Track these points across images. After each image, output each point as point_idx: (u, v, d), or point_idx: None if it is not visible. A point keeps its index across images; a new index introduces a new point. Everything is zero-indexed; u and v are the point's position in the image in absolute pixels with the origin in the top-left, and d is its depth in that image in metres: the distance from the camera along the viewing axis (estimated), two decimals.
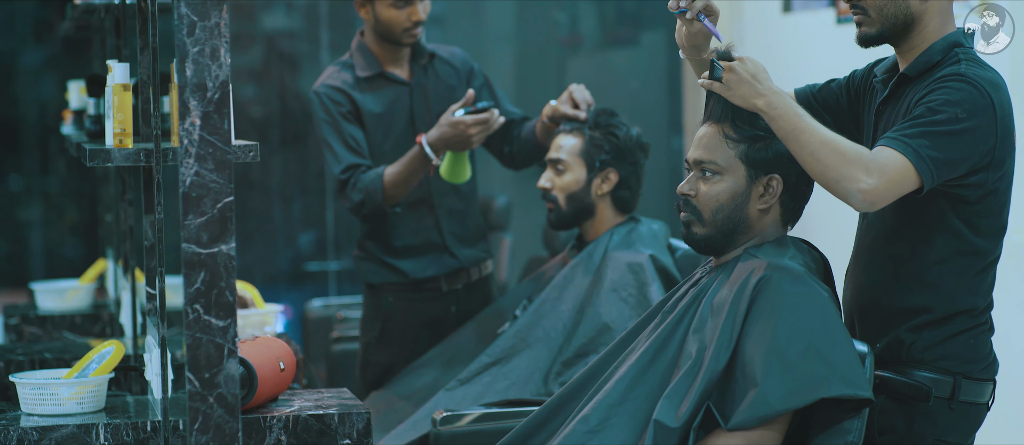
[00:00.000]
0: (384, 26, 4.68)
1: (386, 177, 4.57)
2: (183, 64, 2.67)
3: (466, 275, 4.81)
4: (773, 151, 3.15)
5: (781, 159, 3.15)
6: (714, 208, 3.17)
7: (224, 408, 2.71)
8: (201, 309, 2.70)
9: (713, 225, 3.18)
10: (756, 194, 3.17)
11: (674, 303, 3.25)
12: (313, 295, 7.15)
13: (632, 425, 3.06)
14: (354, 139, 4.63)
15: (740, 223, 3.17)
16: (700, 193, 3.18)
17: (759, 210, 3.17)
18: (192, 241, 2.69)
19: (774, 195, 3.16)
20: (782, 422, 2.99)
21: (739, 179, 3.16)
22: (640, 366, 3.12)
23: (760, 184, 3.16)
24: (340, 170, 4.61)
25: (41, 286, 5.54)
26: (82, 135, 4.46)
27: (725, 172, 3.16)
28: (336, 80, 4.71)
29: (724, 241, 3.19)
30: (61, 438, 3.25)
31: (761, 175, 3.16)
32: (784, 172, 3.16)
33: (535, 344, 4.28)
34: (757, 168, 3.16)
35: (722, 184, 3.17)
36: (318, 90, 4.70)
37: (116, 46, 4.73)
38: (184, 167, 2.68)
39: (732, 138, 3.16)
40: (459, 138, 4.47)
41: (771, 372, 2.95)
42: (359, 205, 4.59)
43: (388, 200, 4.58)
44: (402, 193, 4.60)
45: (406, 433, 4.23)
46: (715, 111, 3.20)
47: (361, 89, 4.68)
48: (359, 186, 4.58)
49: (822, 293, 3.05)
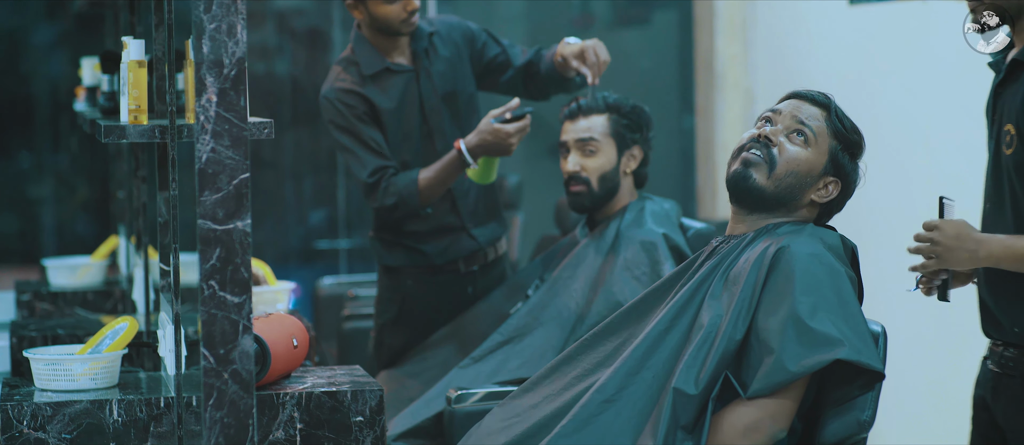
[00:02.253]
0: (381, 22, 4.63)
1: (421, 182, 4.54)
2: (200, 41, 2.67)
3: (483, 256, 4.80)
4: (850, 166, 3.19)
5: (850, 177, 3.22)
6: (790, 169, 3.18)
7: (239, 384, 2.71)
8: (216, 285, 2.70)
9: (777, 183, 3.18)
10: (819, 185, 3.19)
11: (692, 274, 3.25)
12: (324, 273, 7.15)
13: (648, 394, 3.07)
14: (374, 140, 4.59)
15: (794, 199, 3.19)
16: (784, 147, 3.18)
17: (812, 200, 3.20)
18: (208, 217, 2.69)
19: (828, 196, 3.19)
20: (798, 388, 3.00)
21: (819, 162, 3.19)
22: (656, 335, 3.12)
23: (826, 179, 3.19)
24: (367, 174, 4.57)
25: (53, 262, 5.55)
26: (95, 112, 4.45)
27: (812, 146, 3.18)
28: (345, 82, 4.65)
29: (771, 204, 3.19)
30: (74, 414, 3.26)
31: (832, 173, 3.18)
32: (844, 187, 3.22)
33: (548, 322, 4.28)
34: (834, 166, 3.19)
35: (806, 153, 3.19)
36: (328, 95, 4.64)
37: (131, 22, 4.72)
38: (200, 144, 2.68)
39: (831, 129, 3.18)
40: (500, 146, 4.44)
41: (787, 338, 2.97)
42: (392, 208, 4.57)
43: (423, 203, 4.56)
44: (437, 195, 4.58)
45: (420, 411, 4.23)
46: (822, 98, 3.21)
47: (370, 86, 4.64)
48: (392, 190, 4.56)
49: (839, 268, 3.06)
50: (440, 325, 4.68)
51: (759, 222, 3.21)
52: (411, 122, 4.67)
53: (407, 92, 4.68)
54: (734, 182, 3.20)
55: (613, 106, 4.38)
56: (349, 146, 4.60)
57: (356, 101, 4.62)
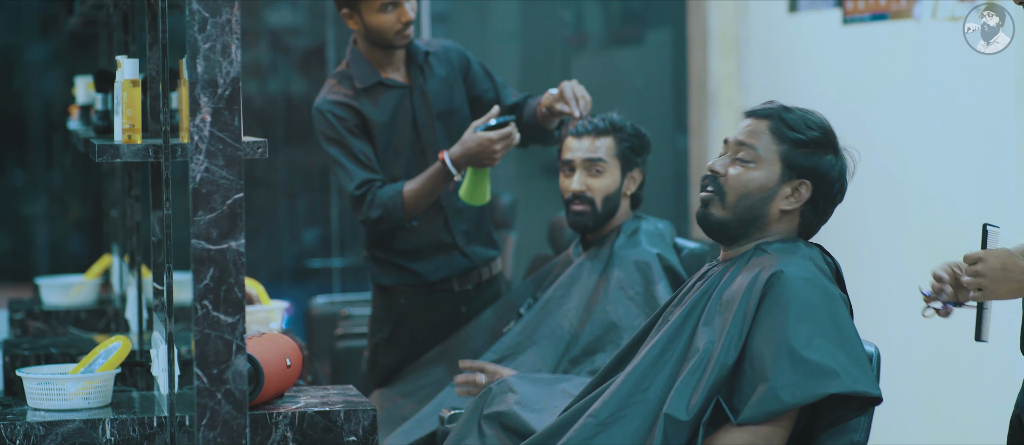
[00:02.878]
0: (375, 33, 4.62)
1: (406, 193, 4.53)
2: (194, 60, 2.67)
3: (477, 275, 4.79)
4: (813, 161, 3.17)
5: (817, 172, 3.17)
6: (740, 193, 3.18)
7: (232, 404, 2.71)
8: (210, 305, 2.70)
9: (733, 210, 3.18)
10: (784, 194, 3.18)
11: (682, 297, 3.25)
12: (317, 292, 7.15)
13: (642, 419, 3.07)
14: (363, 153, 4.59)
15: (759, 218, 3.18)
16: (730, 175, 3.19)
17: (781, 210, 3.18)
18: (202, 237, 2.69)
19: (800, 200, 3.18)
20: (790, 418, 3.00)
21: (772, 174, 3.17)
22: (650, 360, 3.12)
23: (790, 185, 3.17)
24: (354, 186, 4.56)
25: (46, 281, 5.54)
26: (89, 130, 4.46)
27: (760, 162, 3.17)
28: (338, 94, 4.64)
29: (739, 231, 3.19)
30: (67, 433, 3.25)
31: (794, 177, 3.17)
32: (817, 183, 3.17)
33: (541, 342, 4.28)
34: (793, 170, 3.17)
35: (754, 173, 3.18)
36: (321, 107, 4.63)
37: (124, 41, 4.73)
38: (194, 163, 2.68)
39: (776, 135, 3.17)
40: (484, 154, 4.43)
41: (781, 367, 2.96)
42: (377, 221, 4.55)
43: (408, 215, 4.55)
44: (422, 208, 4.56)
45: (413, 431, 4.23)
46: (764, 110, 3.21)
47: (363, 100, 4.64)
48: (377, 202, 4.54)
49: (833, 291, 3.06)
50: (434, 344, 4.67)
51: (743, 248, 3.21)
52: (403, 138, 4.67)
53: (400, 107, 4.68)
54: (701, 223, 3.25)
55: (619, 128, 4.39)
56: (338, 158, 4.59)
57: (347, 113, 4.61)
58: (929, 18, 5.04)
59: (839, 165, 3.20)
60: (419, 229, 4.70)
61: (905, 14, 5.19)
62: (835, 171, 3.20)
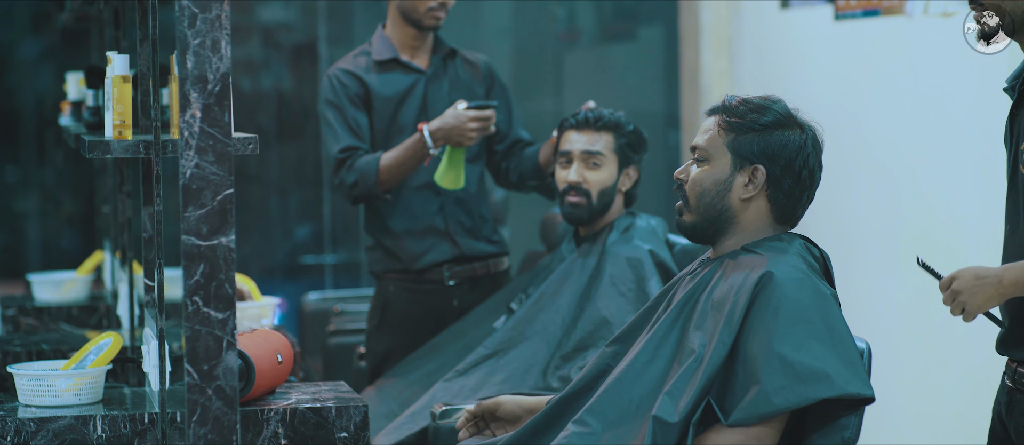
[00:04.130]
0: (408, 5, 4.70)
1: (381, 161, 4.60)
2: (184, 56, 2.67)
3: (470, 270, 4.80)
4: (761, 143, 3.15)
5: (767, 153, 3.15)
6: (698, 193, 3.18)
7: (223, 400, 2.71)
8: (200, 301, 2.70)
9: (697, 212, 3.19)
10: (739, 183, 3.17)
11: (671, 297, 3.24)
12: (309, 288, 7.14)
13: (632, 423, 3.06)
14: (357, 122, 4.67)
15: (723, 212, 3.17)
16: (690, 179, 3.20)
17: (742, 200, 3.17)
18: (192, 233, 2.69)
19: (757, 185, 3.16)
20: (781, 419, 2.99)
21: (723, 167, 3.17)
22: (640, 363, 3.11)
23: (744, 174, 3.16)
24: (338, 149, 4.64)
25: (38, 277, 5.54)
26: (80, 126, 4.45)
27: (711, 159, 3.18)
28: (350, 64, 4.76)
29: (710, 230, 3.19)
30: (58, 429, 3.25)
31: (746, 164, 3.16)
32: (768, 163, 3.15)
33: (533, 337, 4.28)
34: (742, 157, 3.16)
35: (707, 171, 3.18)
36: (331, 73, 4.75)
37: (115, 37, 4.72)
38: (184, 159, 2.68)
39: (724, 128, 3.17)
40: (458, 131, 4.49)
41: (773, 369, 2.95)
42: (351, 186, 4.62)
43: (380, 184, 4.60)
44: (396, 179, 4.62)
45: (404, 426, 4.23)
46: (718, 105, 3.21)
47: (373, 74, 4.72)
48: (354, 167, 4.61)
49: (823, 291, 3.05)
50: (423, 336, 4.68)
51: (727, 245, 3.21)
52: (408, 116, 4.73)
53: (412, 89, 4.75)
54: (678, 229, 3.26)
55: (619, 125, 4.41)
56: (331, 122, 4.69)
57: (353, 83, 4.71)
58: (921, 14, 5.05)
59: (796, 139, 3.16)
60: (414, 212, 4.74)
61: (897, 10, 5.19)
62: (792, 147, 3.15)
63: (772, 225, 3.19)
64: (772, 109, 3.17)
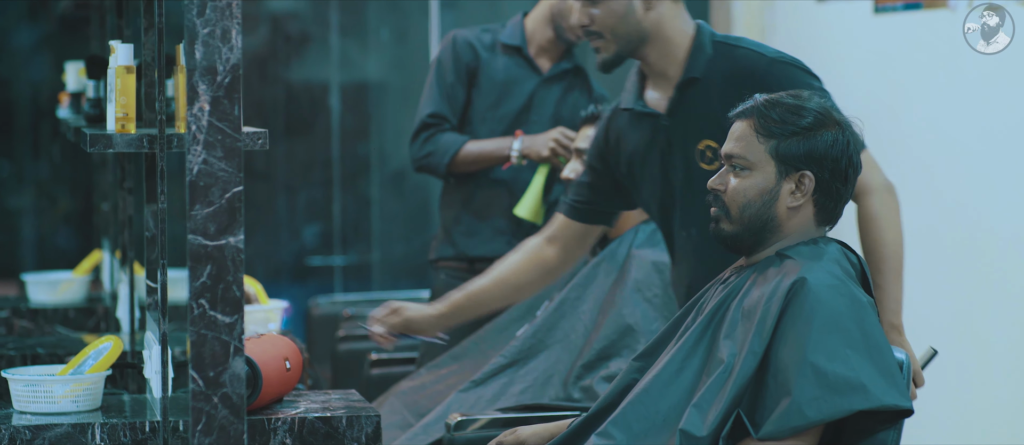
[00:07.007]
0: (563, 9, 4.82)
1: (463, 149, 4.81)
2: (192, 46, 2.67)
3: None
4: (806, 147, 3.12)
5: (813, 156, 3.12)
6: (742, 204, 3.15)
7: (229, 409, 2.71)
8: (207, 304, 2.70)
9: (740, 222, 3.16)
10: (787, 191, 3.14)
11: (702, 305, 3.23)
12: (317, 291, 7.14)
13: (658, 436, 3.05)
14: (454, 93, 4.85)
15: (769, 222, 3.15)
16: (729, 188, 3.17)
17: (789, 208, 3.15)
18: (198, 232, 2.69)
19: (806, 192, 3.14)
20: (815, 432, 2.98)
21: (769, 175, 3.14)
22: (668, 374, 3.11)
23: (791, 180, 3.14)
24: (427, 113, 4.85)
25: (33, 277, 5.54)
26: (80, 119, 4.46)
27: (754, 168, 3.15)
28: (475, 35, 4.94)
29: (752, 240, 3.17)
30: (55, 438, 3.25)
31: (792, 171, 3.14)
32: (817, 168, 3.13)
33: (554, 346, 4.27)
34: (788, 164, 3.13)
35: (751, 180, 3.15)
36: (455, 35, 4.92)
37: (118, 26, 4.73)
38: (191, 154, 2.68)
39: (762, 133, 3.14)
40: (540, 141, 4.74)
41: (805, 381, 2.94)
42: (424, 157, 4.83)
43: (450, 168, 4.82)
44: (467, 169, 4.83)
45: (418, 437, 4.22)
46: (747, 108, 3.19)
47: (491, 54, 4.89)
48: (434, 139, 4.82)
49: (860, 298, 3.03)
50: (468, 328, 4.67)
51: (763, 253, 3.19)
52: (509, 107, 4.90)
53: (522, 84, 4.91)
54: (715, 240, 3.23)
55: None
56: (432, 81, 4.88)
57: (468, 53, 4.90)
58: (966, 7, 5.04)
59: (839, 139, 3.14)
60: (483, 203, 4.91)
61: (940, 3, 5.18)
62: (838, 147, 3.13)
63: (815, 228, 3.18)
64: (807, 108, 3.15)
